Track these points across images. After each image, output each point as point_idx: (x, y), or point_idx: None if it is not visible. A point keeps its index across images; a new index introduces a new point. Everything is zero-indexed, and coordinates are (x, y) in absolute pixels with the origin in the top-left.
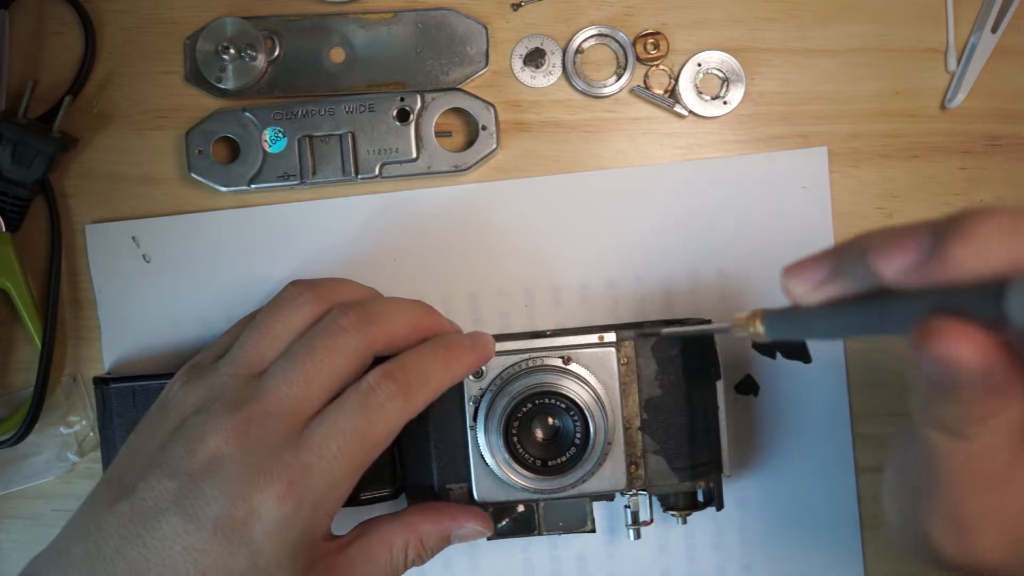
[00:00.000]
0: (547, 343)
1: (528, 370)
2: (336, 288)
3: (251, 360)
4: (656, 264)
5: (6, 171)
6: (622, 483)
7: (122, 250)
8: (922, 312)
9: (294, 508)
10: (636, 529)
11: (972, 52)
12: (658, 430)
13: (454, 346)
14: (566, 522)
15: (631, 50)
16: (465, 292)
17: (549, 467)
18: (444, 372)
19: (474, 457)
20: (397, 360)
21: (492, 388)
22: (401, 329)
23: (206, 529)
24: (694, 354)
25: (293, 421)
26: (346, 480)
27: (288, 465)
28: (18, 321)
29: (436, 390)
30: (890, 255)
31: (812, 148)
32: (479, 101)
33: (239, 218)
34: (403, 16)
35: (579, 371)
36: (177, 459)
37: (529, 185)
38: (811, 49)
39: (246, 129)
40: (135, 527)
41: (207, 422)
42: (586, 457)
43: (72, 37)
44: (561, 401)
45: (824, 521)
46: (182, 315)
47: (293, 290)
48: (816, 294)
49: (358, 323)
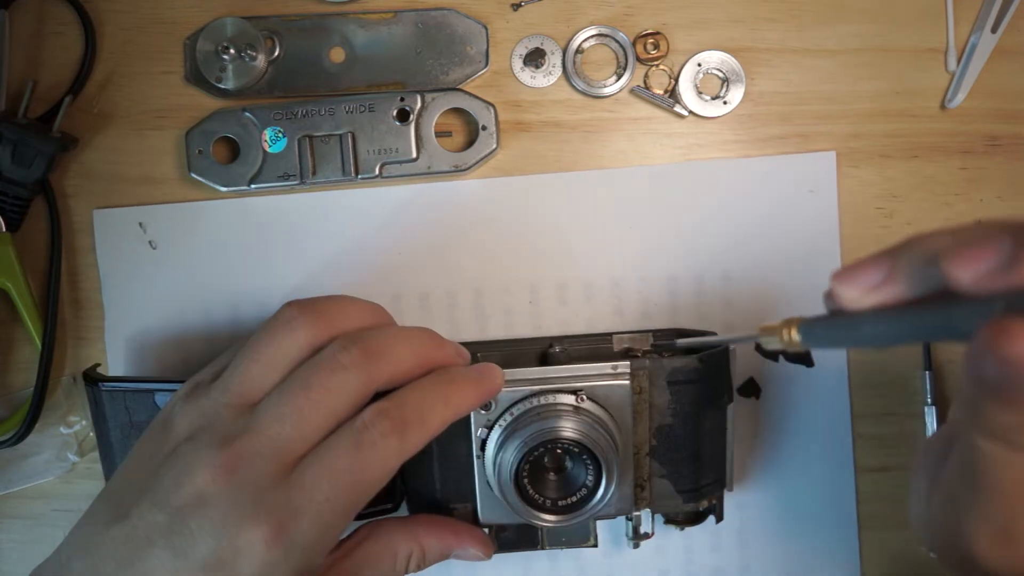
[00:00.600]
0: (557, 373)
1: (539, 411)
2: (336, 312)
3: (243, 389)
4: (661, 265)
5: (6, 171)
6: (628, 508)
7: (129, 235)
8: (990, 315)
9: (283, 553)
10: (636, 541)
11: (972, 52)
12: (666, 456)
13: (458, 379)
14: (569, 538)
15: (631, 50)
16: (470, 288)
17: (560, 507)
18: (445, 408)
19: (479, 482)
20: (394, 396)
21: (501, 423)
22: (405, 365)
23: (195, 568)
24: (709, 382)
25: (284, 461)
26: (338, 522)
27: (277, 507)
28: (18, 321)
29: (436, 428)
30: (968, 260)
31: (820, 152)
32: (479, 101)
33: (245, 207)
34: (403, 16)
35: (591, 408)
36: (166, 490)
37: (537, 182)
38: (811, 49)
39: (246, 129)
40: (129, 555)
41: (197, 453)
42: (597, 500)
43: (72, 37)
44: (574, 446)
45: (822, 522)
46: (186, 302)
47: (288, 313)
48: (870, 298)
49: (360, 360)
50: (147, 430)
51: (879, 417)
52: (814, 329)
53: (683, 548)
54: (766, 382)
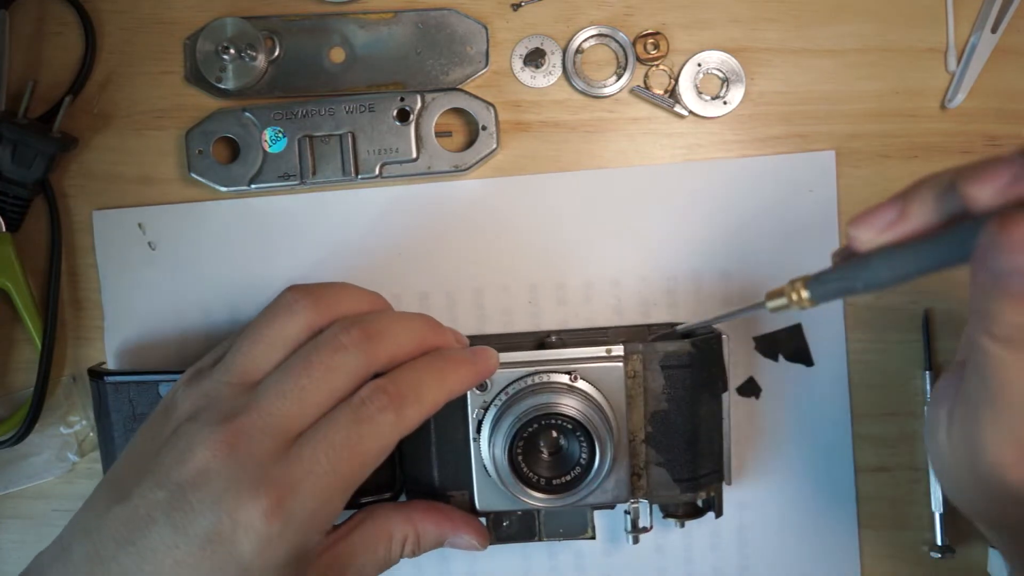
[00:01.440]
0: (553, 356)
1: (533, 388)
2: (336, 296)
3: (245, 368)
4: (661, 264)
5: (6, 171)
6: (625, 495)
7: (128, 236)
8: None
9: (282, 526)
10: (635, 535)
11: (972, 52)
12: (662, 443)
13: (452, 360)
14: (566, 529)
15: (631, 50)
16: (469, 288)
17: (554, 486)
18: (440, 387)
19: (476, 467)
20: (391, 374)
21: (496, 403)
22: (404, 347)
23: (195, 543)
24: (703, 367)
25: (284, 437)
26: (337, 496)
27: (276, 481)
28: (18, 321)
29: (432, 404)
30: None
31: (820, 152)
32: (479, 101)
33: (244, 208)
34: (403, 16)
35: (585, 388)
36: (168, 468)
37: (537, 181)
38: (811, 49)
39: (246, 129)
40: (129, 533)
41: (198, 432)
42: (591, 477)
43: (72, 37)
44: (568, 422)
45: (822, 521)
46: (186, 303)
47: (290, 296)
48: (886, 236)
49: (360, 341)
50: (149, 417)
51: (879, 417)
52: (822, 282)
53: (683, 547)
54: (766, 382)
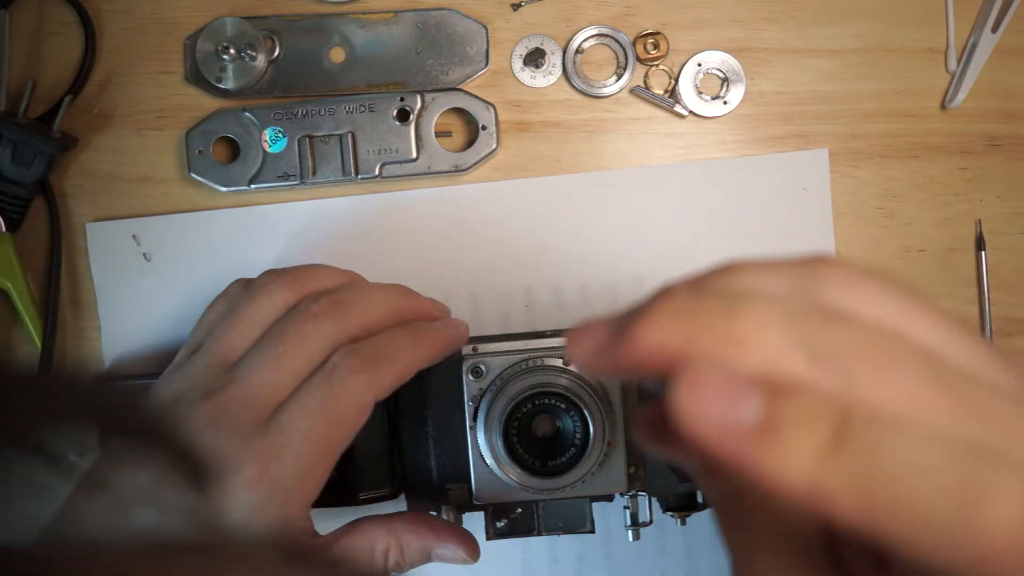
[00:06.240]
0: (547, 343)
1: (528, 370)
2: (310, 274)
3: (224, 350)
4: (657, 265)
5: (6, 171)
6: (622, 484)
7: (122, 248)
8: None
9: (267, 493)
10: (635, 530)
11: (972, 52)
12: None
13: (424, 327)
14: (565, 522)
15: (631, 50)
16: (466, 292)
17: (548, 467)
18: (412, 351)
19: (474, 457)
20: (364, 340)
21: (492, 388)
22: (377, 315)
23: (180, 519)
24: None
25: (264, 407)
26: (319, 463)
27: (258, 449)
28: (18, 321)
29: (405, 368)
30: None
31: (813, 150)
32: (479, 101)
33: (239, 217)
34: (403, 16)
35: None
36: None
37: (529, 185)
38: (811, 49)
39: (246, 129)
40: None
41: (181, 412)
42: (586, 458)
43: (72, 37)
44: (560, 401)
45: None
46: (182, 314)
47: (266, 278)
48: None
49: (330, 309)
50: None
51: None
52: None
53: (683, 547)
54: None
